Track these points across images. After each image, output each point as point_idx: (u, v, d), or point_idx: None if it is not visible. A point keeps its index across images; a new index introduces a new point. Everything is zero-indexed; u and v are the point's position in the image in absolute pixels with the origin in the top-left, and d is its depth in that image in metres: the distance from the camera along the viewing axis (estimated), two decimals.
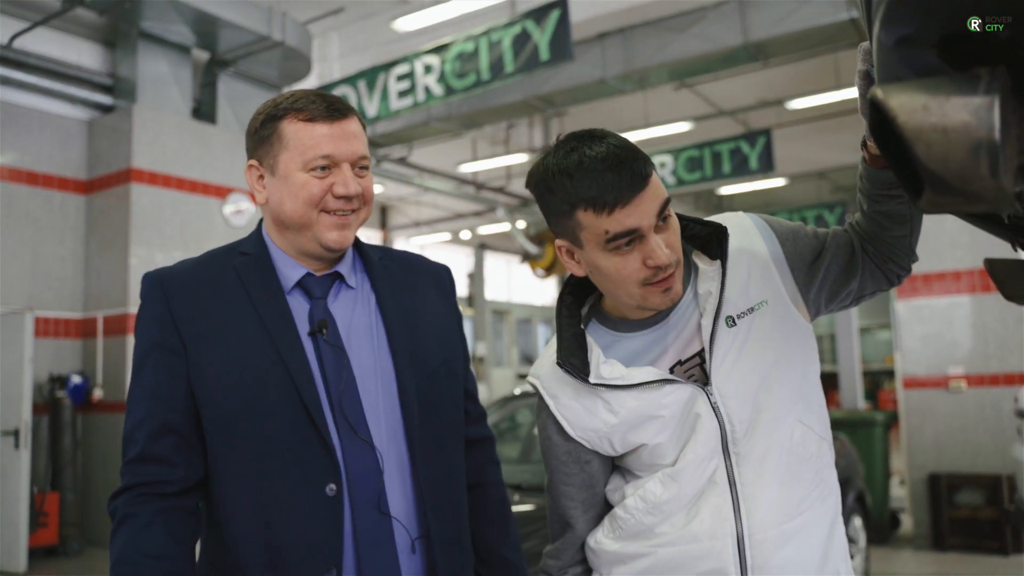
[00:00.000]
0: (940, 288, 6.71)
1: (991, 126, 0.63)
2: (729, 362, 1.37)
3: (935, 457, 6.67)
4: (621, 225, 1.27)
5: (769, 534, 1.33)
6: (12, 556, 6.77)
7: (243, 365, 1.39)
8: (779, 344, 1.40)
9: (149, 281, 1.48)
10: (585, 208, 1.29)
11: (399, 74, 7.70)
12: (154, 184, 8.04)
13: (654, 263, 1.29)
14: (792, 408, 1.39)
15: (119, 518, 1.36)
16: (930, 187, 0.67)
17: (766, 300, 1.40)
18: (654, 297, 1.34)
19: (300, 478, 1.36)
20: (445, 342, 1.59)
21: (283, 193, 1.44)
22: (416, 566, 1.44)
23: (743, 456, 1.36)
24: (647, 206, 1.28)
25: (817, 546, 1.37)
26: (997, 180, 0.65)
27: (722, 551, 1.34)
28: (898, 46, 0.73)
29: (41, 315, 7.72)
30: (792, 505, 1.36)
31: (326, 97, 1.46)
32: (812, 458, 1.39)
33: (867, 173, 1.34)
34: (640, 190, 1.27)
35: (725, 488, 1.35)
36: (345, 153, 1.43)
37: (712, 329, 1.37)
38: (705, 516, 1.35)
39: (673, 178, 10.92)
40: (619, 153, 1.28)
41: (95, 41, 8.44)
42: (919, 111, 0.66)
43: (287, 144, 1.43)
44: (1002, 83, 0.65)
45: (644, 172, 1.28)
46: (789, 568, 1.34)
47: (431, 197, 16.19)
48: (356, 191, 1.43)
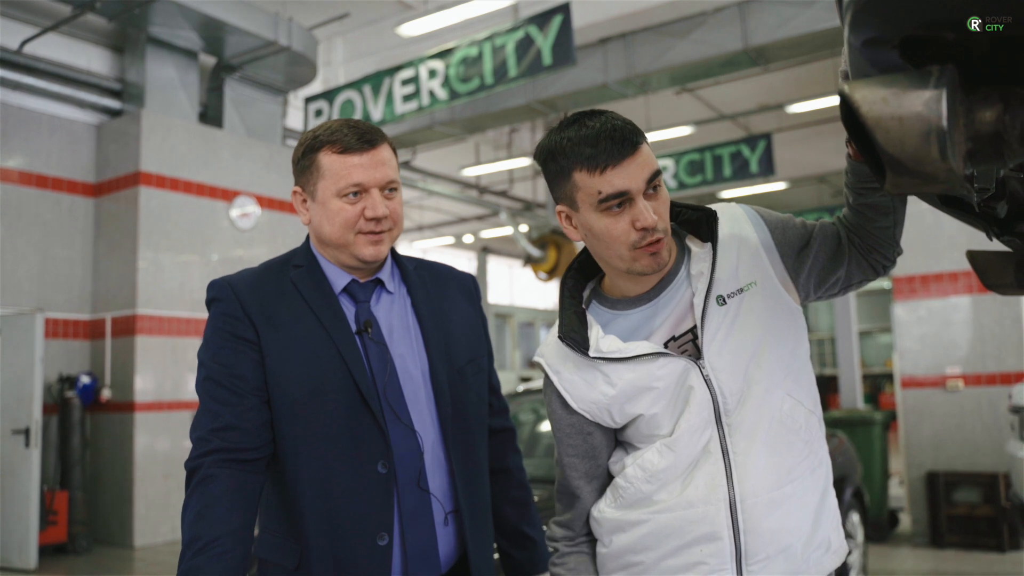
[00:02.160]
0: (938, 289, 6.79)
1: (940, 115, 0.73)
2: (720, 338, 1.47)
3: (933, 455, 6.74)
4: (612, 186, 1.39)
5: (760, 499, 1.43)
6: (23, 553, 6.87)
7: (307, 358, 1.57)
8: (768, 322, 1.49)
9: (219, 284, 1.64)
10: (581, 169, 1.41)
11: (404, 79, 7.80)
12: (162, 187, 8.15)
13: (642, 224, 1.40)
14: (781, 382, 1.47)
15: (201, 475, 1.48)
16: (890, 169, 0.77)
17: (755, 281, 1.50)
18: (643, 259, 1.44)
19: (356, 457, 1.55)
20: (472, 342, 1.78)
21: (322, 217, 1.62)
22: (448, 536, 1.62)
23: (735, 426, 1.45)
24: (636, 171, 1.40)
25: (807, 514, 1.46)
26: (946, 162, 0.74)
27: (716, 516, 1.43)
28: (864, 47, 0.83)
29: (51, 316, 7.83)
30: (782, 473, 1.44)
31: (358, 127, 1.63)
32: (801, 429, 1.48)
33: (851, 167, 1.44)
34: (630, 154, 1.40)
35: (719, 457, 1.45)
36: (374, 180, 1.60)
37: (703, 307, 1.47)
38: (700, 483, 1.45)
39: (674, 181, 11.02)
40: (614, 123, 1.42)
41: (104, 46, 8.56)
42: (879, 102, 0.75)
43: (324, 173, 1.60)
44: (950, 78, 0.75)
45: (635, 140, 1.41)
46: (779, 532, 1.42)
47: (434, 201, 16.28)
48: (384, 213, 1.60)
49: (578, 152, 1.41)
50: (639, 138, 1.42)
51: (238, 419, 1.52)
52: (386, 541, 1.53)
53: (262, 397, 1.56)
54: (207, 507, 1.44)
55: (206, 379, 1.57)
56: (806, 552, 1.45)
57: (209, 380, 1.56)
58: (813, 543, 1.46)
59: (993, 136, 0.76)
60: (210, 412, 1.54)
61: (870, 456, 6.94)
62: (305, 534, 1.54)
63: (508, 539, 1.83)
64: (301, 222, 1.73)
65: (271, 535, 1.61)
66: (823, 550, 1.47)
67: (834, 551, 1.50)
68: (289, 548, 1.56)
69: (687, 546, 1.45)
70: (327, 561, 1.52)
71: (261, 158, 9.01)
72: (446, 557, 1.62)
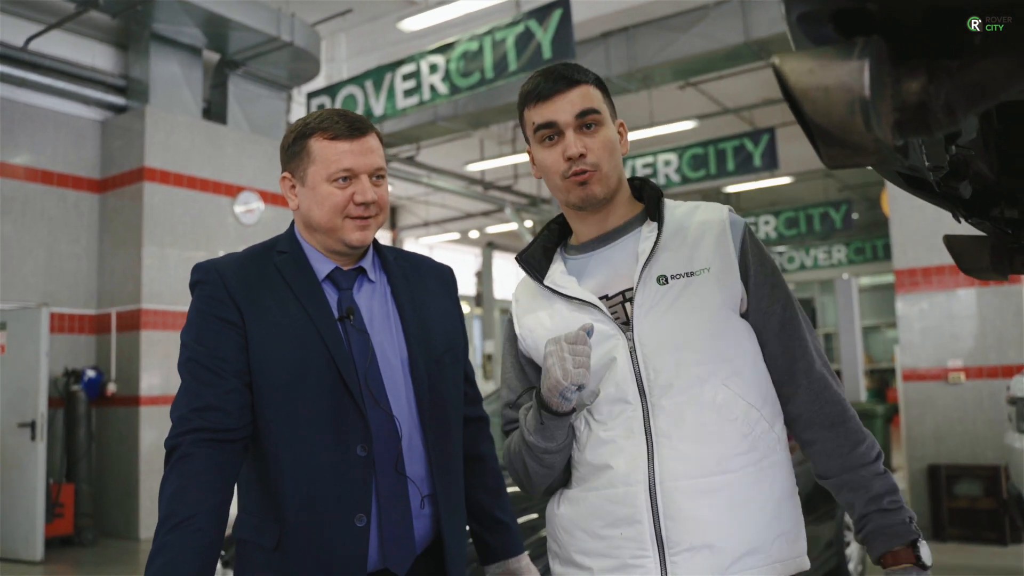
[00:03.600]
0: (940, 282, 6.78)
1: (863, 84, 0.75)
2: (655, 316, 1.48)
3: (934, 448, 6.73)
4: (542, 116, 1.54)
5: (679, 484, 1.40)
6: (29, 545, 6.94)
7: (290, 343, 1.60)
8: (715, 310, 1.49)
9: (205, 267, 1.67)
10: (526, 104, 1.58)
11: (405, 73, 7.82)
12: (166, 183, 8.20)
13: (567, 154, 1.51)
14: (717, 371, 1.45)
15: (180, 454, 1.51)
16: (819, 140, 0.79)
17: (709, 268, 1.50)
18: (574, 191, 1.54)
19: (336, 440, 1.57)
20: (449, 331, 1.81)
21: (312, 201, 1.66)
22: (424, 519, 1.65)
23: (660, 407, 1.44)
24: (566, 105, 1.52)
25: (742, 512, 1.41)
26: (872, 132, 0.76)
27: (635, 497, 1.42)
28: (799, 21, 0.85)
29: (56, 311, 7.89)
30: (710, 462, 1.41)
31: (348, 116, 1.68)
32: (738, 422, 1.44)
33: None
34: (562, 91, 1.53)
35: (641, 436, 1.44)
36: (363, 166, 1.65)
37: (639, 280, 1.50)
38: (621, 462, 1.45)
39: (678, 176, 11.01)
40: (558, 67, 1.57)
41: (108, 43, 8.61)
42: (805, 74, 0.77)
43: (314, 159, 1.65)
44: (875, 49, 0.76)
45: (573, 79, 1.54)
46: (702, 523, 1.39)
47: (440, 197, 16.31)
48: (373, 198, 1.65)
49: (525, 92, 1.58)
50: (580, 77, 1.55)
51: (219, 400, 1.55)
52: (364, 522, 1.56)
53: (243, 379, 1.59)
54: (184, 485, 1.47)
55: (188, 360, 1.59)
56: (735, 553, 1.40)
57: (192, 361, 1.59)
58: (746, 545, 1.41)
59: (919, 106, 0.78)
60: (191, 392, 1.56)
61: None
62: (284, 514, 1.56)
63: (481, 524, 1.85)
64: (289, 208, 1.76)
65: (250, 516, 1.64)
66: (760, 556, 1.42)
67: (775, 561, 1.43)
68: (268, 528, 1.58)
69: (609, 527, 1.45)
70: (305, 541, 1.55)
71: (265, 154, 9.05)
72: (421, 539, 1.65)
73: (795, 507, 1.51)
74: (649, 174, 11.25)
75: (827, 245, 17.97)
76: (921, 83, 0.77)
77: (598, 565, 1.47)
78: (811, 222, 14.34)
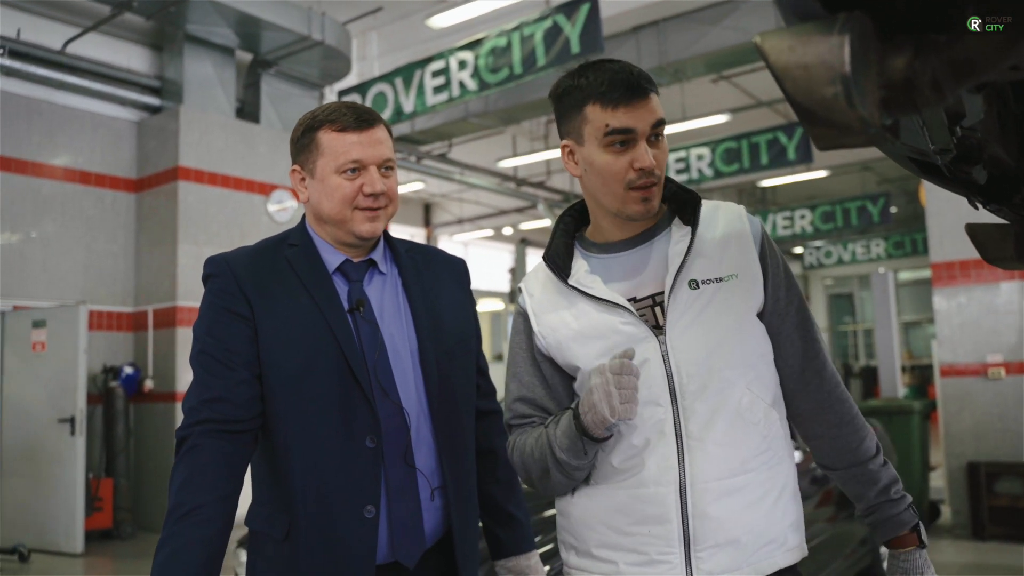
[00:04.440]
0: (978, 275, 6.64)
1: (843, 61, 0.73)
2: (686, 321, 1.49)
3: (974, 445, 6.60)
4: (620, 122, 1.46)
5: (709, 486, 1.44)
6: (70, 538, 7.08)
7: (300, 335, 1.61)
8: (742, 316, 1.51)
9: (216, 261, 1.68)
10: (594, 102, 1.48)
11: (434, 70, 7.84)
12: (200, 182, 8.31)
13: (640, 165, 1.46)
14: (743, 375, 1.49)
15: (189, 445, 1.53)
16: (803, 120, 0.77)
17: (737, 275, 1.51)
18: (634, 203, 1.50)
19: (345, 431, 1.58)
20: (461, 323, 1.80)
21: (321, 193, 1.66)
22: (434, 511, 1.65)
23: (691, 410, 1.46)
24: (645, 114, 1.47)
25: (760, 507, 1.46)
26: (855, 110, 0.74)
27: (665, 497, 1.45)
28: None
29: (94, 309, 8.04)
30: (736, 463, 1.46)
31: (356, 108, 1.68)
32: (759, 423, 1.48)
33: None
34: (641, 98, 1.47)
35: (672, 438, 1.46)
36: (371, 157, 1.65)
37: (672, 285, 1.49)
38: (652, 464, 1.47)
39: (711, 170, 10.91)
40: (631, 68, 1.50)
41: (143, 45, 8.74)
42: (786, 51, 0.75)
43: (323, 151, 1.66)
44: (857, 25, 0.74)
45: (648, 87, 1.48)
46: (727, 522, 1.44)
47: (473, 194, 16.34)
48: (382, 189, 1.65)
49: (595, 87, 1.48)
50: (651, 86, 1.50)
51: (228, 391, 1.56)
52: (373, 514, 1.56)
53: (253, 371, 1.59)
54: (192, 475, 1.48)
55: (200, 352, 1.61)
56: (756, 545, 1.45)
57: (203, 353, 1.60)
58: (765, 537, 1.46)
59: (905, 83, 0.76)
60: (202, 384, 1.58)
61: (908, 446, 6.81)
62: (294, 505, 1.57)
63: (493, 518, 1.85)
64: (298, 200, 1.77)
65: (261, 506, 1.65)
66: (775, 545, 1.48)
67: (788, 549, 1.50)
68: (278, 519, 1.59)
69: (636, 524, 1.47)
70: (315, 531, 1.56)
71: None
72: (431, 532, 1.65)
73: (798, 497, 1.57)
74: (682, 168, 11.16)
75: (865, 239, 17.71)
76: (907, 59, 0.75)
77: (623, 559, 1.49)
78: (848, 216, 14.13)
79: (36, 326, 7.47)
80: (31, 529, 7.28)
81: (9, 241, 7.68)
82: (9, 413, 7.60)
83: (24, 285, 7.75)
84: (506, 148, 13.69)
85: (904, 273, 20.19)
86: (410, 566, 1.61)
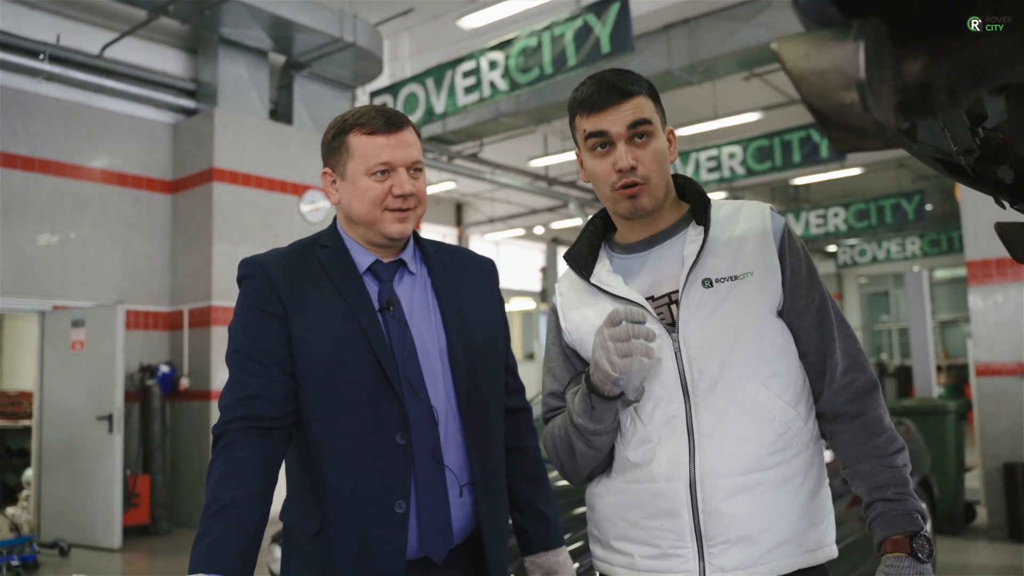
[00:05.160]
0: (1015, 274, 6.54)
1: (857, 67, 0.74)
2: (699, 318, 1.51)
3: (1010, 446, 6.50)
4: (595, 126, 1.54)
5: (719, 482, 1.46)
6: (108, 534, 7.23)
7: (331, 334, 1.64)
8: (758, 313, 1.52)
9: (250, 263, 1.73)
10: (579, 112, 1.58)
11: (465, 71, 7.88)
12: (235, 183, 8.42)
13: (617, 166, 1.52)
14: (758, 372, 1.50)
15: (226, 441, 1.56)
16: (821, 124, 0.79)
17: (752, 272, 1.53)
18: (622, 202, 1.56)
19: (376, 428, 1.61)
20: (489, 322, 1.82)
21: (352, 195, 1.70)
22: (464, 508, 1.68)
23: (703, 407, 1.49)
24: (619, 117, 1.53)
25: (775, 506, 1.46)
26: (870, 114, 0.76)
27: (676, 492, 1.48)
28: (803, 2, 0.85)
29: (131, 308, 8.18)
30: (748, 461, 1.46)
31: (384, 112, 1.71)
32: (775, 421, 1.49)
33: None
34: (616, 102, 1.53)
35: (683, 434, 1.49)
36: (400, 159, 1.68)
37: (685, 284, 1.52)
38: (663, 458, 1.50)
39: (743, 168, 10.84)
40: (613, 76, 1.56)
41: (179, 48, 8.88)
42: (802, 57, 0.77)
43: (353, 154, 1.69)
44: (872, 30, 0.76)
45: (627, 90, 1.54)
46: (739, 519, 1.45)
47: (504, 193, 16.37)
48: (411, 190, 1.68)
49: (578, 98, 1.59)
50: (633, 88, 1.54)
51: (263, 389, 1.59)
52: (403, 509, 1.59)
53: (287, 370, 1.63)
54: (228, 471, 1.52)
55: (235, 351, 1.65)
56: (771, 544, 1.45)
57: (238, 352, 1.64)
58: (780, 536, 1.46)
59: (920, 87, 0.77)
60: (237, 382, 1.61)
61: (943, 447, 6.73)
62: (326, 501, 1.60)
63: (523, 515, 1.86)
64: (330, 201, 1.80)
65: (295, 502, 1.69)
66: (793, 545, 1.47)
67: (809, 550, 1.49)
68: (311, 513, 1.63)
69: (649, 518, 1.51)
70: (347, 526, 1.59)
71: None
72: (460, 528, 1.67)
73: (826, 499, 1.56)
74: (713, 167, 11.10)
75: (900, 237, 17.48)
76: (922, 64, 0.76)
77: (639, 552, 1.53)
78: (882, 214, 13.96)
79: (75, 325, 7.62)
80: (71, 524, 7.43)
81: (49, 242, 7.84)
82: (49, 411, 7.76)
83: (63, 285, 7.91)
84: (537, 147, 13.70)
85: (940, 271, 19.90)
86: (438, 561, 1.63)
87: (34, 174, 7.78)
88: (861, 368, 1.56)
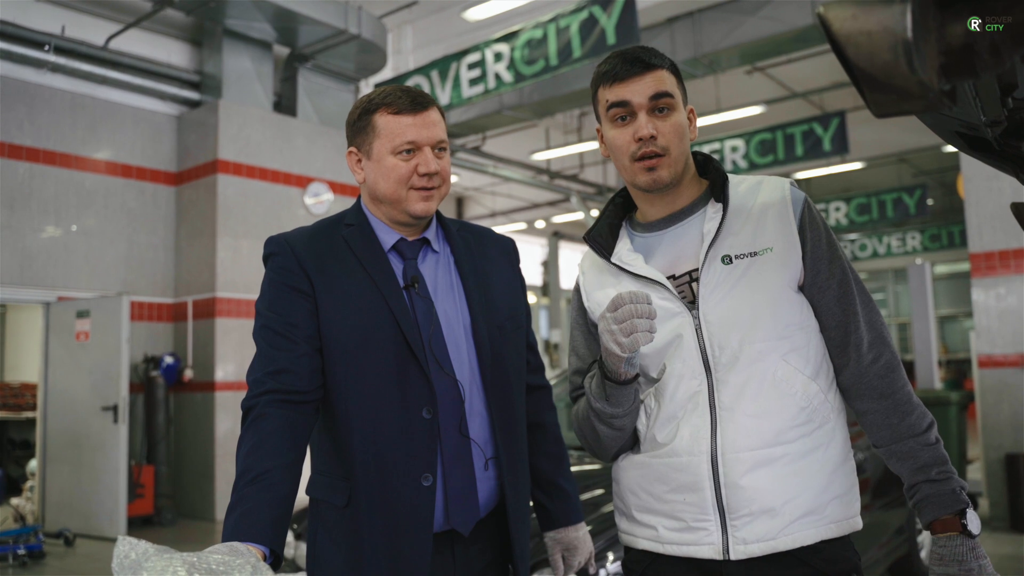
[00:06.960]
0: (1017, 266, 6.56)
1: (905, 27, 0.76)
2: (719, 294, 1.53)
3: (1012, 437, 6.53)
4: (616, 96, 1.57)
5: (741, 456, 1.47)
6: (113, 524, 7.25)
7: (358, 309, 1.66)
8: (778, 288, 1.53)
9: (277, 240, 1.76)
10: (602, 84, 1.61)
11: (470, 62, 7.88)
12: (239, 175, 8.43)
13: (638, 135, 1.54)
14: (778, 347, 1.51)
15: (256, 414, 1.57)
16: (865, 86, 0.81)
17: (772, 248, 1.54)
18: (641, 174, 1.57)
19: (403, 403, 1.64)
20: (511, 300, 1.85)
21: (377, 174, 1.72)
22: (488, 481, 1.71)
23: (724, 381, 1.50)
24: (641, 87, 1.55)
25: (798, 479, 1.48)
26: (916, 75, 0.77)
27: (698, 466, 1.50)
28: None
29: (136, 299, 8.20)
30: (769, 434, 1.48)
31: (410, 92, 1.73)
32: (797, 395, 1.50)
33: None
34: (638, 73, 1.55)
35: (705, 409, 1.51)
36: (426, 138, 1.70)
37: (704, 261, 1.54)
38: (685, 433, 1.52)
39: (745, 162, 10.86)
40: (634, 50, 1.59)
41: (183, 40, 8.89)
42: (849, 19, 0.79)
43: (379, 133, 1.71)
44: None
45: (650, 63, 1.56)
46: (761, 492, 1.46)
47: (506, 187, 16.38)
48: (436, 169, 1.70)
49: (601, 70, 1.61)
50: (656, 62, 1.57)
51: (291, 363, 1.61)
52: (430, 482, 1.61)
53: (314, 345, 1.65)
54: (259, 442, 1.53)
55: (263, 327, 1.67)
56: (793, 516, 1.46)
57: (265, 328, 1.66)
58: (803, 508, 1.47)
59: (964, 48, 0.79)
60: (265, 356, 1.63)
61: (945, 438, 6.74)
62: (354, 474, 1.63)
63: (543, 491, 1.89)
64: (356, 181, 1.82)
65: (322, 476, 1.71)
66: (816, 517, 1.48)
67: (833, 521, 1.50)
68: (339, 487, 1.65)
69: (673, 492, 1.53)
70: (374, 499, 1.61)
71: (334, 145, 9.23)
72: (485, 501, 1.70)
73: (850, 471, 1.57)
74: None
75: (901, 232, 17.51)
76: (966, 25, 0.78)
77: (663, 525, 1.55)
78: (883, 208, 13.98)
79: (80, 316, 7.64)
80: (76, 514, 7.46)
81: (54, 233, 7.85)
82: (54, 401, 7.79)
83: (68, 276, 7.93)
84: (539, 141, 13.72)
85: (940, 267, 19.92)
86: (465, 533, 1.66)
87: (39, 165, 7.79)
88: (885, 342, 1.57)
